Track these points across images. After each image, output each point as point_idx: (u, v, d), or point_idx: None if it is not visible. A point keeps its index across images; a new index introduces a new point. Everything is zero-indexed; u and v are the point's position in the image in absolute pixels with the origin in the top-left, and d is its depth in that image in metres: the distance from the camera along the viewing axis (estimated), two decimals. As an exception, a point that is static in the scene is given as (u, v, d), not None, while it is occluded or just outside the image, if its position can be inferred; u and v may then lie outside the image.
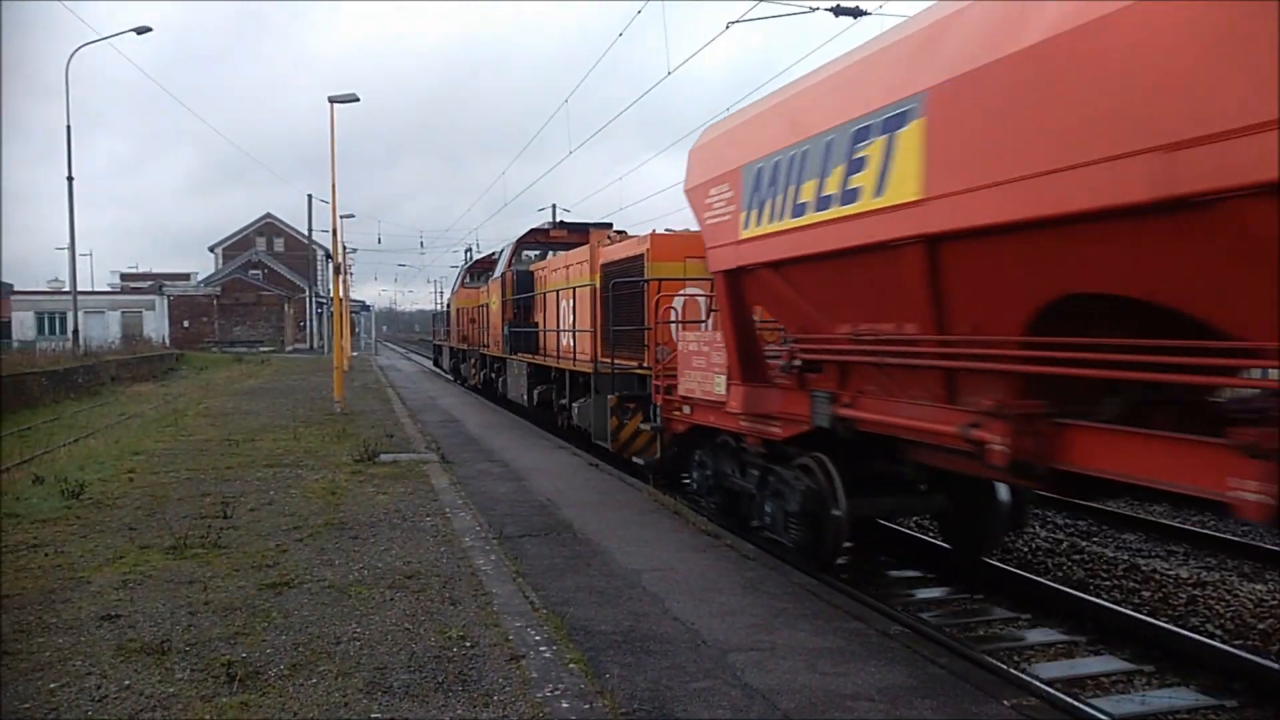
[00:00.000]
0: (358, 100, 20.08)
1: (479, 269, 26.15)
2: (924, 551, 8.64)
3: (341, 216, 26.75)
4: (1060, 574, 8.11)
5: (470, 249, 52.21)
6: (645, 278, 11.16)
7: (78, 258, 34.29)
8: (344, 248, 33.92)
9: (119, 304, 60.13)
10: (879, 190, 5.42)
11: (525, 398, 17.81)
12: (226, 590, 6.16)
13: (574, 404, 14.33)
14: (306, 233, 58.61)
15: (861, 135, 5.59)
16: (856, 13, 12.06)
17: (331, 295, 23.64)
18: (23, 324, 55.62)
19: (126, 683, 4.59)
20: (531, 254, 19.75)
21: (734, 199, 7.39)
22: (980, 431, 4.93)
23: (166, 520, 8.33)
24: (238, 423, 17.08)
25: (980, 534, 7.71)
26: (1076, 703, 5.22)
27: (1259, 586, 7.43)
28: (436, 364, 40.67)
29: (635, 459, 11.70)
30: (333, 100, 19.72)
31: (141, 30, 31.19)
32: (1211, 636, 6.44)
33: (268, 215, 76.66)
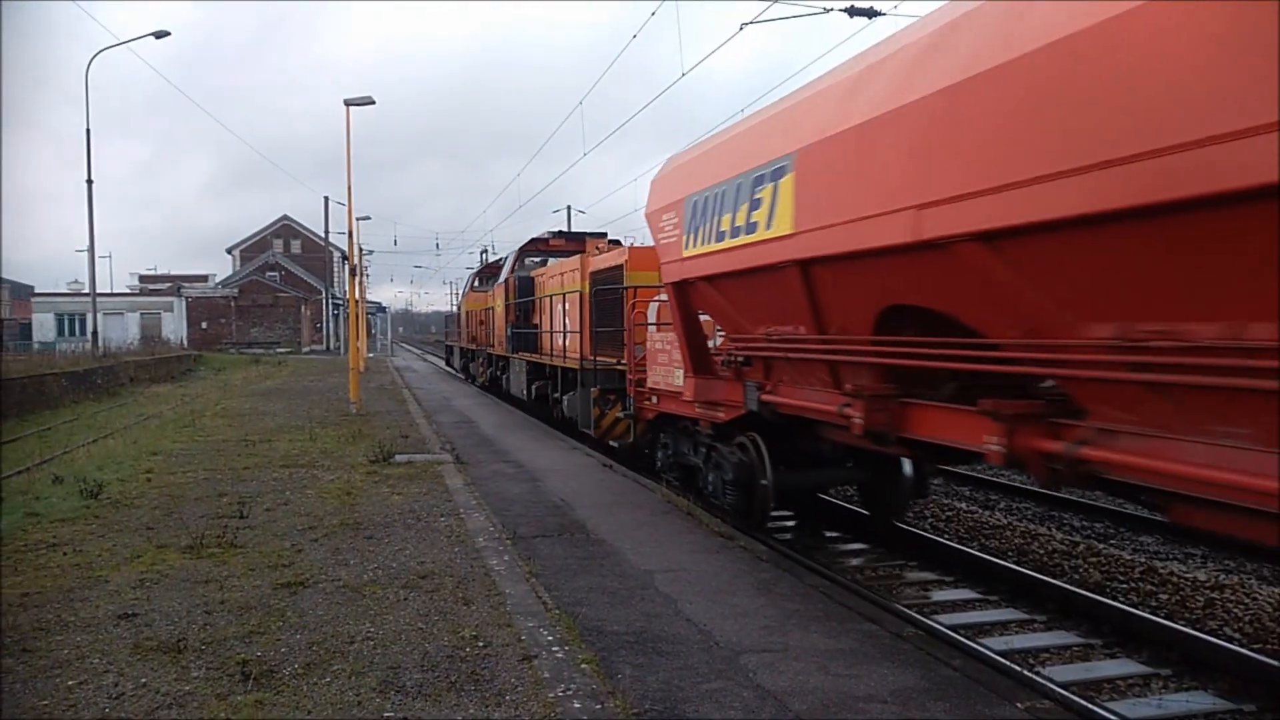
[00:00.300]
0: (373, 103, 20.18)
1: (487, 274, 27.75)
2: (854, 519, 9.99)
3: (358, 218, 26.90)
4: (1077, 576, 8.06)
5: (485, 250, 52.53)
6: (624, 285, 12.45)
7: (97, 260, 34.60)
8: (360, 249, 34.11)
9: (138, 305, 60.65)
10: (769, 224, 6.88)
11: (525, 393, 19.38)
12: (242, 589, 6.21)
13: (564, 396, 15.76)
14: (323, 235, 58.95)
15: (759, 181, 7.06)
16: (871, 13, 12.03)
17: (348, 297, 23.87)
18: (43, 325, 56.20)
19: (143, 681, 4.63)
20: (533, 261, 21.07)
21: (678, 224, 8.82)
22: (849, 409, 6.33)
23: (184, 520, 8.40)
24: (254, 423, 17.19)
25: (891, 502, 9.09)
26: (1091, 705, 5.20)
27: (1277, 590, 7.37)
28: (449, 364, 42.59)
29: (612, 442, 13.43)
30: (348, 103, 19.82)
31: (160, 35, 31.45)
32: (1230, 640, 6.39)
33: (284, 217, 77.14)
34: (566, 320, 15.74)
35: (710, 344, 9.48)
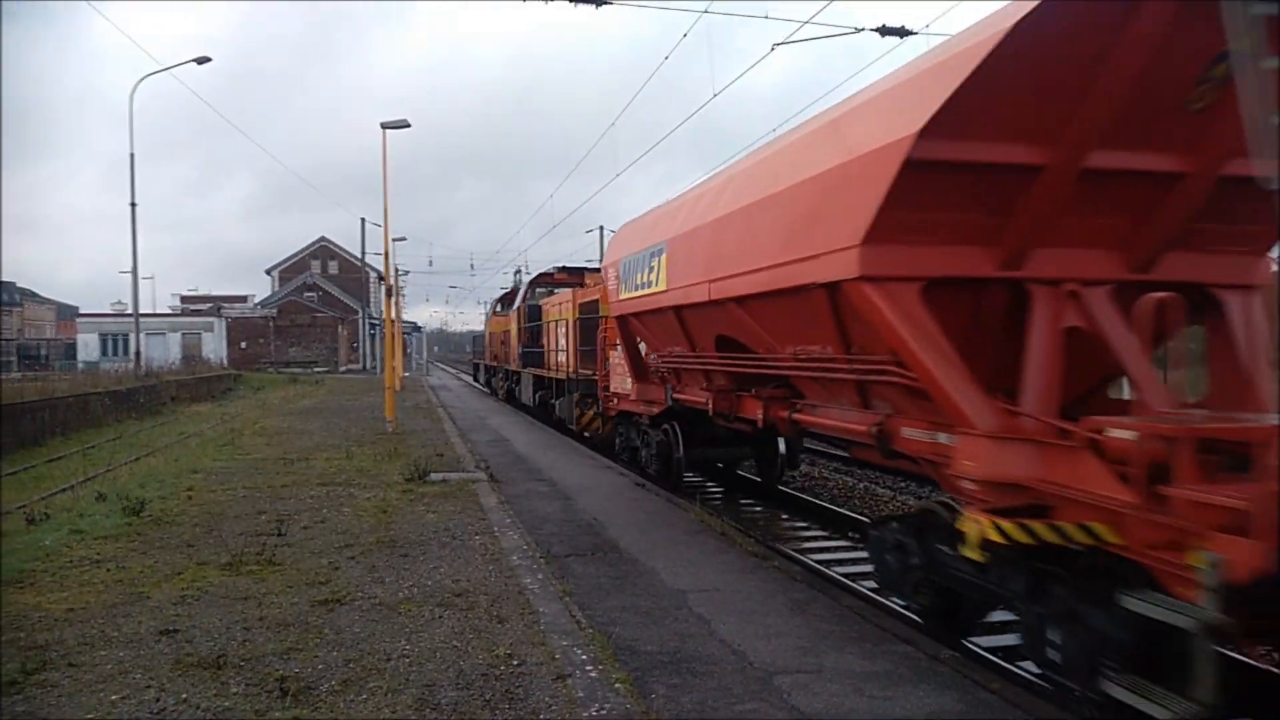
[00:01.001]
0: (409, 126, 20.47)
1: (507, 300, 31.09)
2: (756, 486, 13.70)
3: (394, 239, 27.23)
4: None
5: (519, 270, 53.03)
6: (599, 315, 15.62)
7: (140, 280, 35.28)
8: (396, 270, 34.48)
9: (179, 326, 61.69)
10: (657, 283, 10.44)
11: (532, 400, 23.96)
12: (280, 606, 6.29)
13: (556, 402, 20.31)
14: (360, 255, 59.69)
15: (653, 254, 10.57)
16: (903, 32, 12.04)
17: (384, 316, 24.40)
18: (87, 345, 57.31)
19: (184, 696, 4.70)
20: (541, 291, 24.77)
21: (617, 276, 12.30)
22: (708, 399, 9.77)
23: (223, 537, 8.52)
24: (292, 442, 17.41)
25: (772, 471, 13.01)
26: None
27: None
28: (475, 379, 48.05)
29: (586, 433, 17.79)
30: (385, 126, 20.11)
31: (201, 60, 32.11)
32: None
33: (322, 238, 78.20)
34: (561, 341, 19.56)
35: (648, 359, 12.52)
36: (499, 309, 32.81)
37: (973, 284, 5.92)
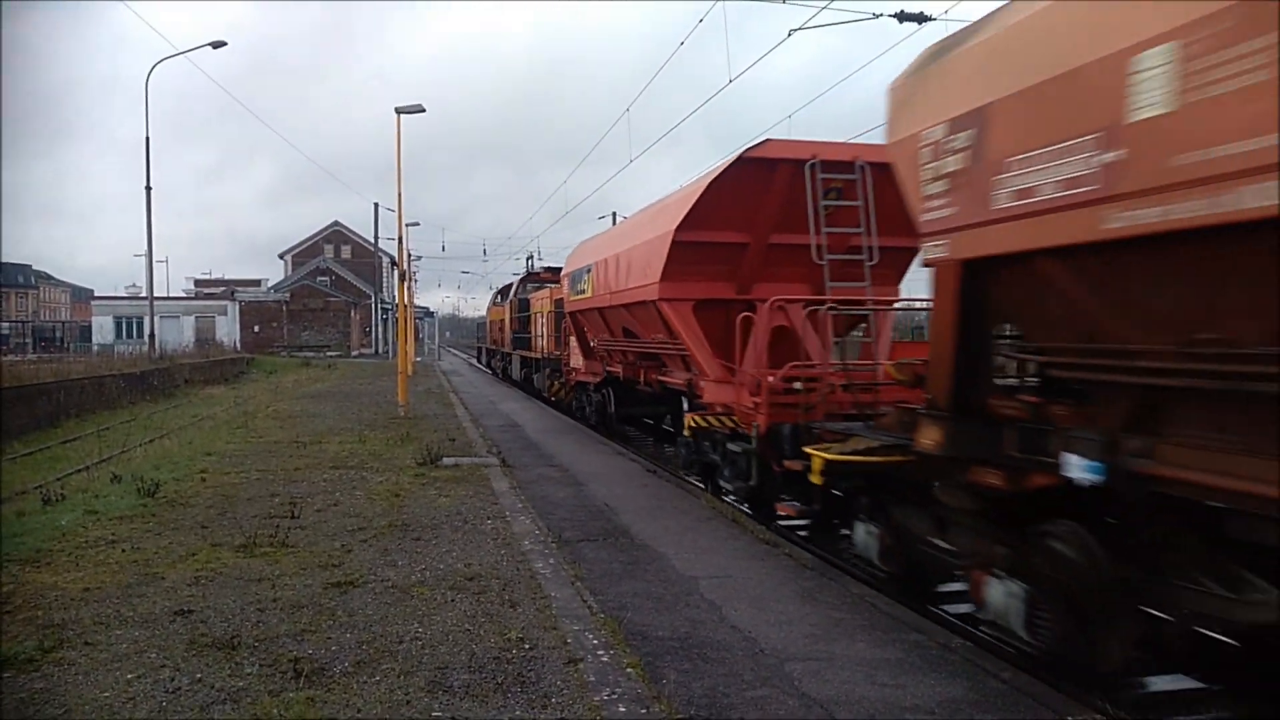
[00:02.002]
0: (423, 111, 20.43)
1: (505, 292, 35.33)
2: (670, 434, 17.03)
3: (407, 224, 27.23)
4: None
5: (531, 256, 53.43)
6: (565, 310, 19.10)
7: (155, 264, 35.43)
8: (409, 255, 34.52)
9: (193, 309, 61.97)
10: (589, 291, 14.98)
11: (519, 376, 30.00)
12: (294, 588, 6.33)
13: (534, 376, 26.61)
14: (373, 240, 59.78)
15: (587, 270, 15.05)
16: (921, 18, 11.94)
17: (396, 301, 24.81)
18: (102, 328, 57.64)
19: (199, 676, 4.74)
20: (532, 286, 29.16)
21: (569, 284, 17.36)
22: (625, 371, 14.31)
23: (237, 519, 8.58)
24: (305, 425, 17.49)
25: (680, 422, 13.96)
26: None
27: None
28: (478, 359, 55.15)
29: (553, 398, 23.26)
30: (399, 111, 20.09)
31: (217, 45, 32.14)
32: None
33: (335, 223, 78.31)
34: (541, 329, 24.91)
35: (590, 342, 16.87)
36: (498, 300, 37.32)
37: (722, 303, 10.96)
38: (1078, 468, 4.74)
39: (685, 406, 12.08)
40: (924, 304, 8.53)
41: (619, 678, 4.73)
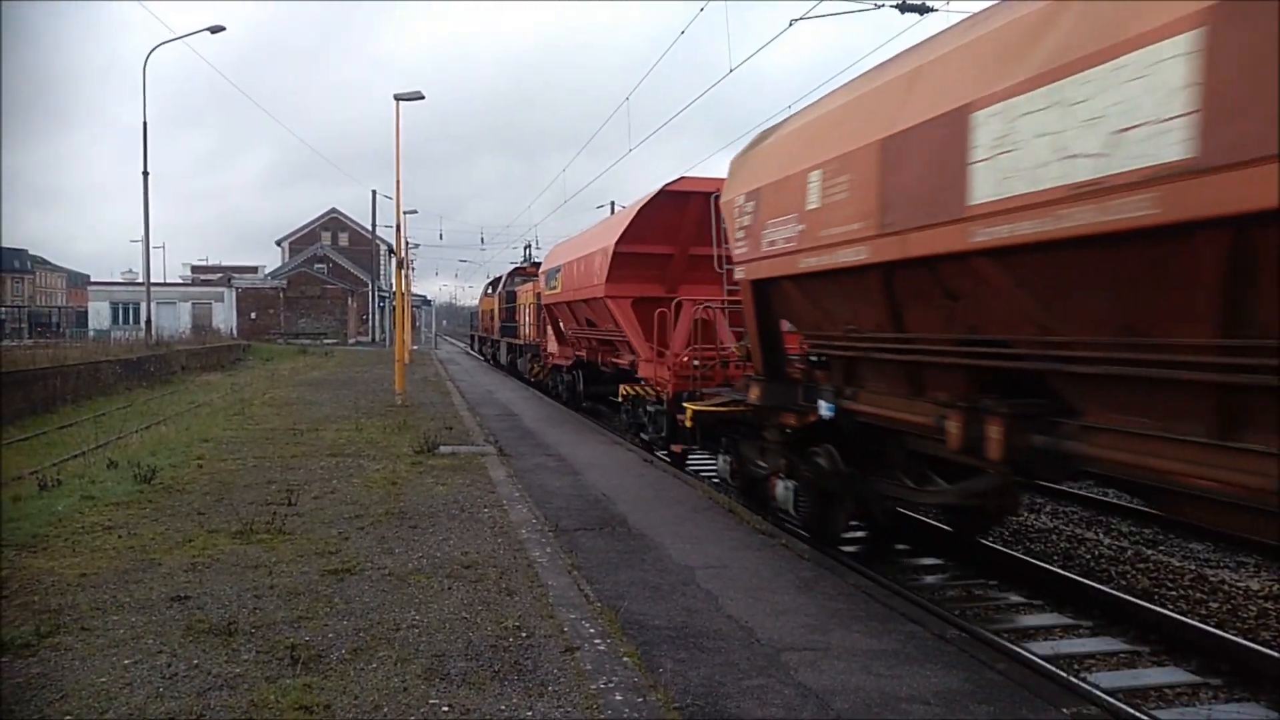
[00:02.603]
0: (423, 98, 20.39)
1: (496, 284, 38.30)
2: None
3: (405, 212, 27.17)
4: (1125, 583, 7.93)
5: (529, 246, 53.54)
6: (542, 302, 22.03)
7: (152, 250, 35.33)
8: (407, 243, 34.46)
9: (189, 295, 61.82)
10: (559, 288, 18.51)
11: (505, 360, 33.92)
12: (290, 575, 6.33)
13: (518, 360, 30.24)
14: (370, 228, 59.64)
15: (558, 270, 18.66)
16: (923, 9, 11.90)
17: (394, 289, 25.06)
18: (99, 313, 57.51)
19: (195, 662, 4.74)
20: (519, 279, 32.48)
21: (545, 280, 20.66)
22: (587, 354, 18.12)
23: (234, 506, 8.58)
24: (302, 413, 17.48)
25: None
26: (1139, 713, 5.12)
27: (1335, 601, 7.19)
28: (471, 346, 57.83)
29: (533, 379, 26.33)
30: (398, 98, 20.03)
31: (215, 29, 31.98)
32: (1283, 651, 6.25)
33: (333, 210, 78.14)
34: (526, 318, 27.84)
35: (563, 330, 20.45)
36: (489, 292, 40.78)
37: (654, 300, 13.85)
38: (824, 408, 7.70)
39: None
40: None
41: (616, 666, 4.74)
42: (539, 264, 28.96)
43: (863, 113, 6.67)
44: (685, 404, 10.84)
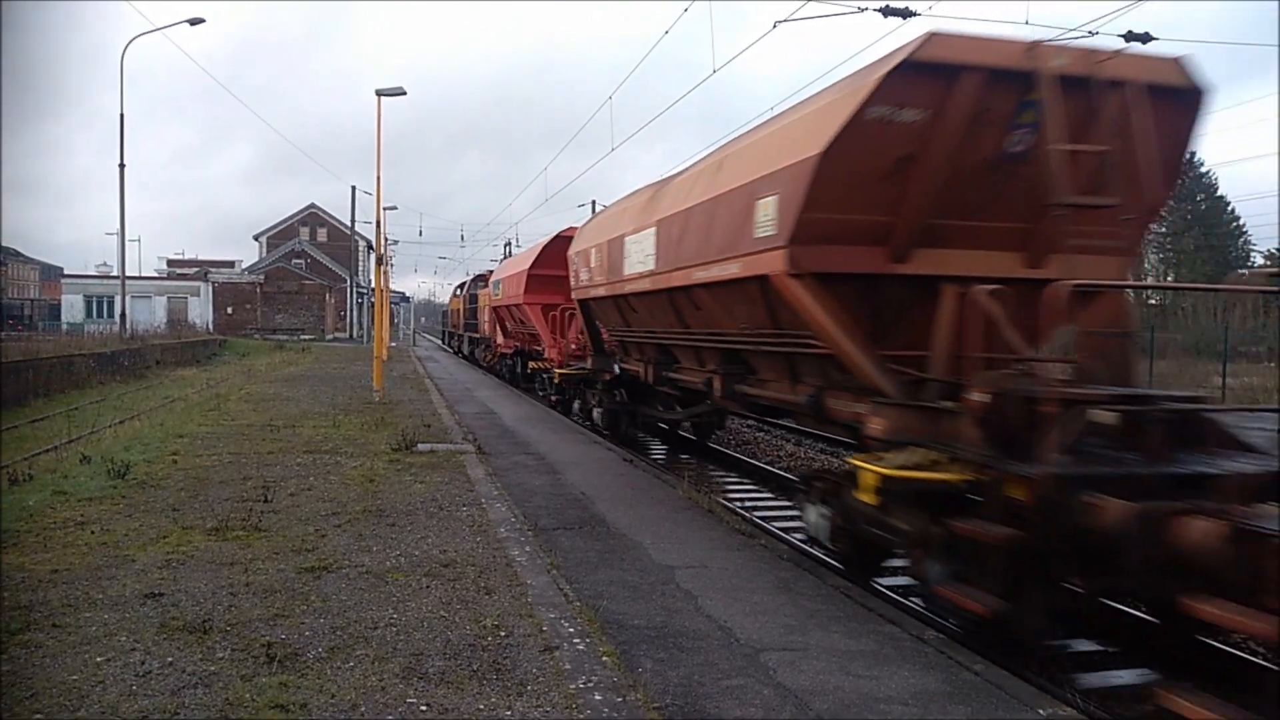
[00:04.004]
0: (404, 94, 20.28)
1: (463, 287, 45.32)
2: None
3: (385, 208, 27.04)
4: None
5: (509, 243, 53.58)
6: (491, 305, 28.75)
7: (126, 243, 34.93)
8: (386, 239, 34.31)
9: (165, 289, 61.13)
10: (501, 296, 25.39)
11: (467, 350, 42.14)
12: (266, 573, 6.27)
13: (475, 350, 38.05)
14: (349, 223, 59.28)
15: (500, 284, 25.88)
16: (906, 13, 11.93)
17: (372, 286, 25.43)
18: (72, 307, 56.80)
19: (169, 660, 4.69)
20: (480, 284, 35.66)
21: (493, 288, 28.01)
22: (523, 344, 24.61)
23: (209, 502, 8.49)
24: (278, 409, 17.33)
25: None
26: (1110, 717, 5.16)
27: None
28: (443, 340, 67.10)
29: (485, 365, 33.92)
30: (380, 93, 19.91)
31: (195, 21, 31.69)
32: (1254, 653, 6.32)
33: (311, 205, 77.56)
34: (484, 317, 32.73)
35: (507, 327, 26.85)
36: (457, 293, 48.41)
37: (555, 305, 19.37)
38: (616, 368, 14.23)
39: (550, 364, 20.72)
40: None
41: (595, 666, 4.73)
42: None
43: (608, 223, 13.67)
44: (557, 370, 18.55)
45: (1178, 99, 6.82)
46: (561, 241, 19.17)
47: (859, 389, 6.96)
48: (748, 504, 10.95)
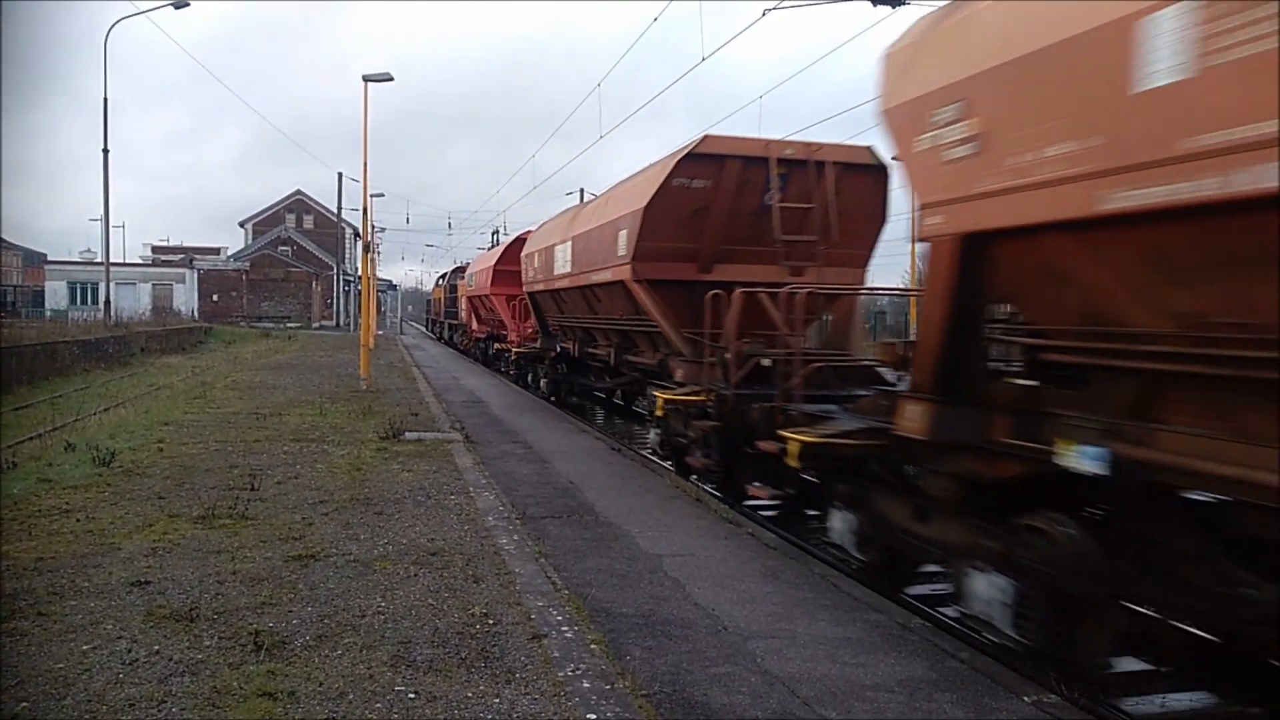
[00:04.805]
0: (391, 79, 20.14)
1: (444, 276, 50.18)
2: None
3: (372, 195, 26.89)
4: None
5: (496, 231, 53.51)
6: (467, 295, 32.90)
7: (111, 229, 34.65)
8: (373, 227, 34.16)
9: (150, 276, 60.60)
10: (474, 287, 29.80)
11: (447, 336, 45.86)
12: (254, 561, 6.25)
13: (453, 335, 43.17)
14: (336, 210, 58.96)
15: (474, 275, 30.64)
16: (895, 1, 11.94)
17: (359, 273, 25.38)
18: (56, 293, 56.27)
19: (156, 648, 4.67)
20: (459, 275, 39.42)
21: (468, 279, 32.48)
22: (491, 329, 29.19)
23: (195, 490, 8.46)
24: (265, 397, 17.26)
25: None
26: (1095, 704, 5.21)
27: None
28: (427, 328, 71.79)
29: (462, 348, 38.50)
30: (367, 79, 19.79)
31: (179, 5, 31.36)
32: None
33: (298, 192, 77.05)
34: (462, 305, 35.94)
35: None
36: (440, 282, 53.36)
37: (515, 296, 21.74)
38: (558, 347, 17.95)
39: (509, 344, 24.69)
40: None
41: (583, 654, 4.74)
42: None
43: (544, 235, 17.35)
44: (514, 350, 23.23)
45: (868, 172, 10.89)
46: (520, 244, 22.59)
47: (678, 354, 10.86)
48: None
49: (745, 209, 10.66)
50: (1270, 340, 3.73)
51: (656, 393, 10.49)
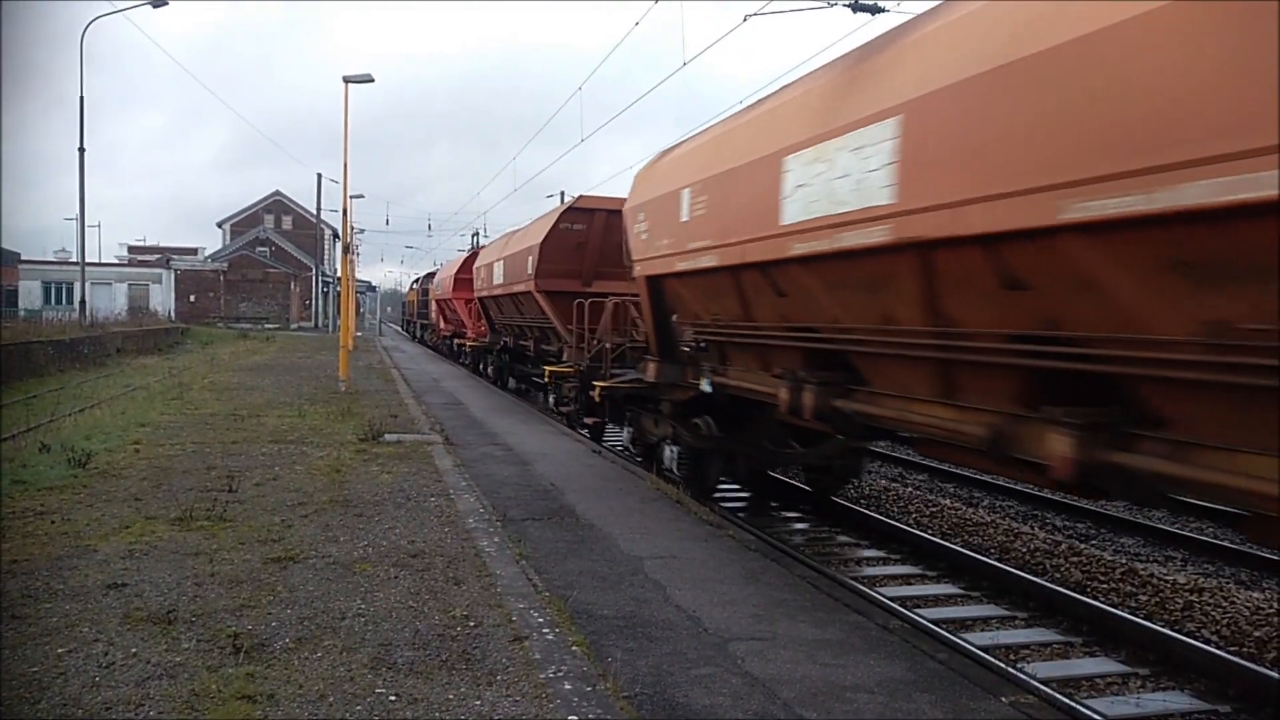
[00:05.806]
0: (372, 81, 20.07)
1: (418, 280, 56.33)
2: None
3: (351, 197, 26.76)
4: (1058, 575, 8.15)
5: (476, 234, 53.51)
6: (435, 298, 38.61)
7: (86, 229, 34.30)
8: (352, 228, 34.03)
9: (126, 276, 60.04)
10: (440, 290, 36.07)
11: (419, 334, 52.33)
12: (232, 563, 6.21)
13: (424, 334, 50.12)
14: (315, 211, 58.62)
15: (442, 280, 35.47)
16: (875, 9, 12.03)
17: (338, 274, 25.47)
18: (30, 293, 55.59)
19: (133, 650, 4.64)
20: (429, 281, 44.59)
21: (436, 284, 39.17)
22: (455, 329, 34.02)
23: (172, 492, 8.39)
24: (243, 398, 17.14)
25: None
26: (1073, 703, 5.27)
27: (1255, 594, 7.46)
28: (403, 328, 75.27)
29: (430, 344, 45.05)
30: (347, 80, 19.71)
31: (157, 4, 31.11)
32: (1207, 642, 6.48)
33: (276, 193, 76.52)
34: (432, 307, 40.25)
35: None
36: (414, 286, 59.92)
37: (469, 300, 27.19)
38: (502, 341, 22.77)
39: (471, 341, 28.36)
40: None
41: (565, 656, 4.74)
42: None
43: (488, 254, 23.67)
44: (469, 344, 28.20)
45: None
46: (474, 257, 27.08)
47: (566, 343, 14.94)
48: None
49: (611, 242, 15.10)
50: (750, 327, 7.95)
51: (545, 366, 16.01)
